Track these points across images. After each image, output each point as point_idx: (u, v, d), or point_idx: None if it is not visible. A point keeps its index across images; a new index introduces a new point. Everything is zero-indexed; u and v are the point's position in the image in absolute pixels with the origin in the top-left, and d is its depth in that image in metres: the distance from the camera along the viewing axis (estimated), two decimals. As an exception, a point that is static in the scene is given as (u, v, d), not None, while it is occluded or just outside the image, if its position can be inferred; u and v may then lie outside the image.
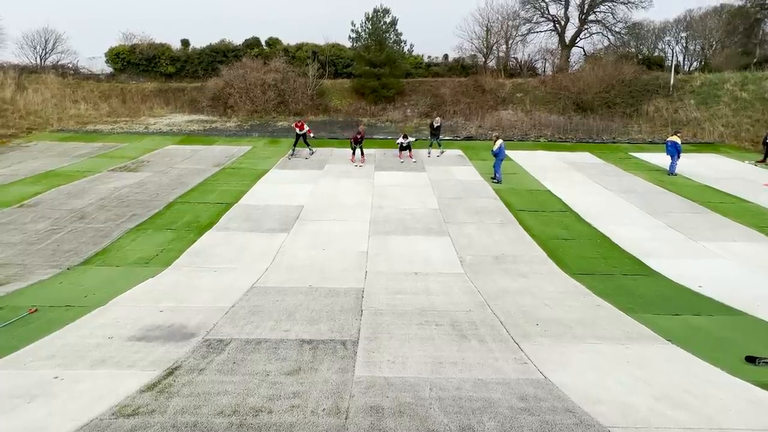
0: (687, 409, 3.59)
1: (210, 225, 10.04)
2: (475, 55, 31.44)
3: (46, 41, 30.42)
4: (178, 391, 3.83)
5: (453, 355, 4.82)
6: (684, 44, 32.82)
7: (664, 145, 15.31)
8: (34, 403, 3.60)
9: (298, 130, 16.48)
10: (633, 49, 31.08)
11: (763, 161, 16.17)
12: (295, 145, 16.63)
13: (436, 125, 16.55)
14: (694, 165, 15.21)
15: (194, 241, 9.16)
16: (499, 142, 13.85)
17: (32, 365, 4.42)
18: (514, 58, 31.94)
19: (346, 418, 3.37)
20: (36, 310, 5.94)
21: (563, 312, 6.17)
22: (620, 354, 4.95)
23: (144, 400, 3.65)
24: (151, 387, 3.93)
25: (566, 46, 31.53)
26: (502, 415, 3.42)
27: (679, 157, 14.63)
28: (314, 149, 16.85)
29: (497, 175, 13.81)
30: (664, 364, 4.68)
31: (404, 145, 15.71)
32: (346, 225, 10.10)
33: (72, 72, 28.85)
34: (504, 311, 6.15)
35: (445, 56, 32.30)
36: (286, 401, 3.62)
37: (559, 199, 12.22)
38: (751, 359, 4.72)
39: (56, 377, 4.11)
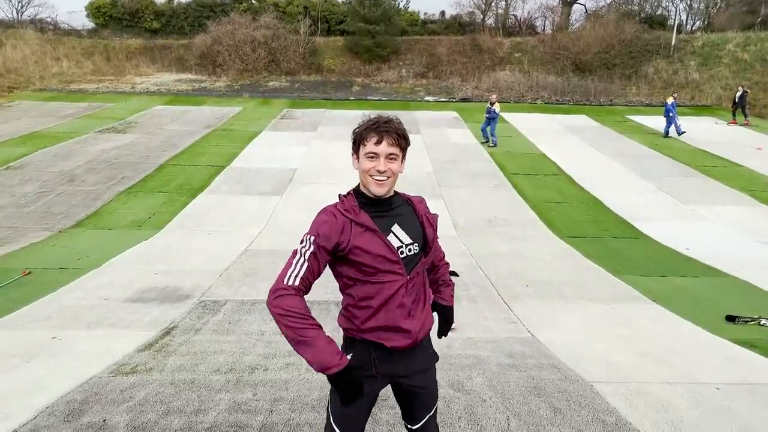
0: (667, 365, 3.74)
1: (202, 188, 9.95)
2: (473, 12, 30.34)
3: (21, -7, 28.83)
4: (175, 350, 3.92)
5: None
6: (688, 2, 31.77)
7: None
8: (33, 363, 3.67)
9: None
10: (636, 7, 30.04)
11: (734, 121, 16.33)
12: None
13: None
14: (690, 129, 15.12)
15: (186, 204, 9.11)
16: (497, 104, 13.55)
17: (29, 326, 4.47)
18: (513, 15, 30.88)
19: (339, 375, 3.47)
20: (30, 273, 5.95)
21: (553, 274, 6.29)
22: (607, 314, 5.09)
23: (142, 358, 3.73)
24: (148, 346, 4.00)
25: (567, 3, 30.41)
26: (490, 371, 3.55)
27: (674, 115, 14.53)
28: None
29: (493, 138, 13.59)
30: (649, 324, 4.83)
31: None
32: (339, 188, 9.99)
33: (51, 27, 27.54)
34: (495, 273, 6.25)
35: (442, 13, 31.17)
36: (281, 359, 3.72)
37: (554, 163, 12.19)
38: (731, 318, 4.88)
39: (54, 337, 4.17)
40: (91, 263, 6.35)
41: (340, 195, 1.76)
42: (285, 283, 1.60)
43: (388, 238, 1.66)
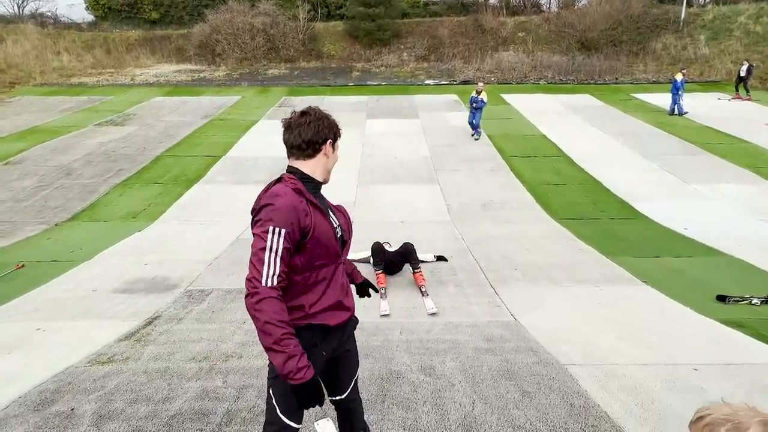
0: (647, 347, 3.67)
1: (197, 178, 9.97)
2: (475, -9, 29.57)
3: (21, -12, 28.86)
4: (154, 340, 3.95)
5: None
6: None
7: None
8: (14, 354, 3.73)
9: None
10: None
11: (738, 96, 15.86)
12: None
13: None
14: (697, 105, 14.70)
15: (181, 195, 9.14)
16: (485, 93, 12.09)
17: (15, 318, 4.54)
18: (516, -7, 30.03)
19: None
20: (23, 266, 6.03)
21: (543, 256, 6.20)
22: (594, 296, 5.01)
23: (120, 348, 3.77)
24: (129, 336, 4.04)
25: (572, -21, 29.47)
26: (465, 355, 3.52)
27: (680, 94, 14.12)
28: None
29: (478, 129, 12.41)
30: (636, 305, 4.75)
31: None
32: (334, 175, 9.92)
33: (52, 21, 27.60)
34: (485, 257, 6.19)
35: (444, -7, 30.42)
36: (257, 347, 3.72)
37: (554, 144, 11.96)
38: (721, 298, 4.77)
39: (38, 329, 4.23)
40: (84, 255, 6.42)
41: (283, 176, 1.72)
42: (264, 284, 1.48)
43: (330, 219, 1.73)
